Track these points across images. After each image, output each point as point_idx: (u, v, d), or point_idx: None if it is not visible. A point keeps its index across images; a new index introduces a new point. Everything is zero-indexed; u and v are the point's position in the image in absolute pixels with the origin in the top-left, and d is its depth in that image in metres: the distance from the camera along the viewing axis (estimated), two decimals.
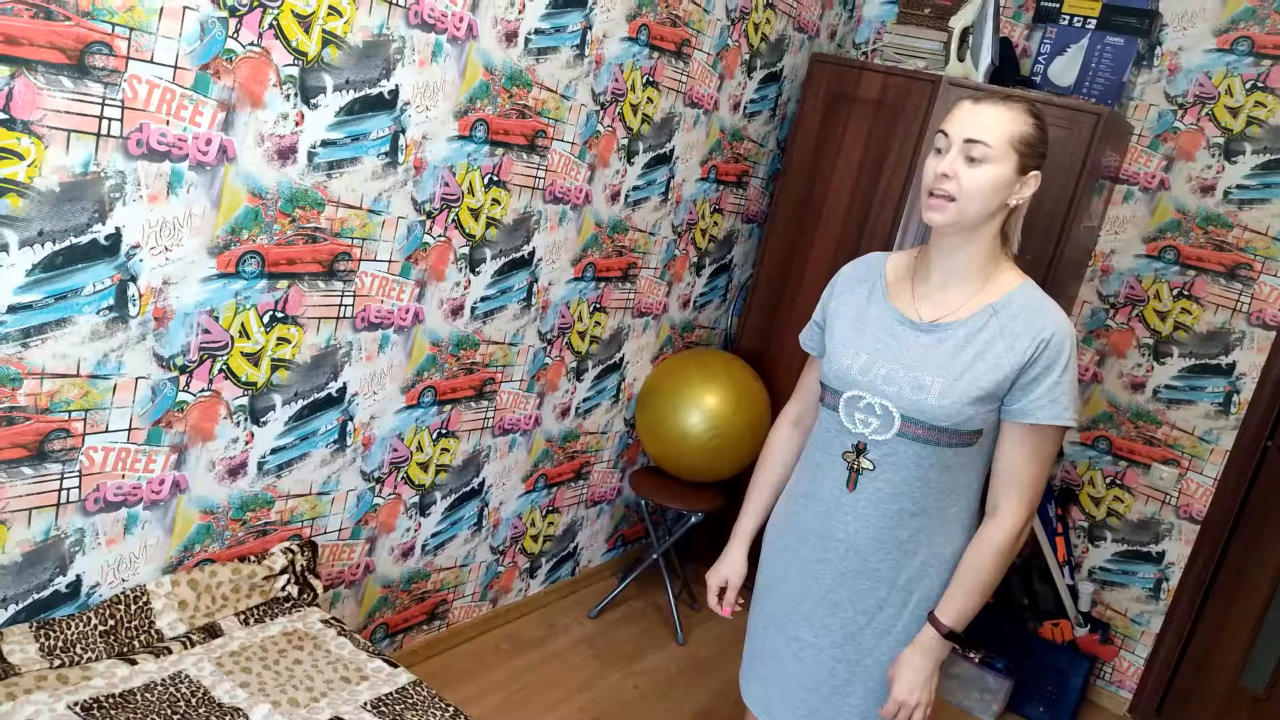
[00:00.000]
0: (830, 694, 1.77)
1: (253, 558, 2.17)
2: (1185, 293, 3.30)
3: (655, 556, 3.39)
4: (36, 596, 1.88)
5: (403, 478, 2.61)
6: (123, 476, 1.95)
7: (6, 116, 1.59)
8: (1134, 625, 3.45)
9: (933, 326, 1.66)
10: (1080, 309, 3.48)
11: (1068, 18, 3.29)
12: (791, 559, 1.80)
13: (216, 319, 2.01)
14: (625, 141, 2.92)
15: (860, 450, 1.67)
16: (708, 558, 3.70)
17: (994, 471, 1.67)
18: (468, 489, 2.85)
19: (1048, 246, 2.98)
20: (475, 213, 2.51)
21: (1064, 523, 3.45)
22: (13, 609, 1.85)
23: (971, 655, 3.27)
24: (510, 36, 2.41)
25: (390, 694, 1.94)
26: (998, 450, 1.66)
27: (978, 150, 1.57)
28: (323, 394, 2.31)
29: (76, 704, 1.70)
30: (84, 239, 1.74)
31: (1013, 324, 1.61)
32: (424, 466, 2.67)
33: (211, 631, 2.01)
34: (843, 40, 3.85)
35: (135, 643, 1.92)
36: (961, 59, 3.20)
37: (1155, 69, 3.30)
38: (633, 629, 3.31)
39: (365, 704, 1.89)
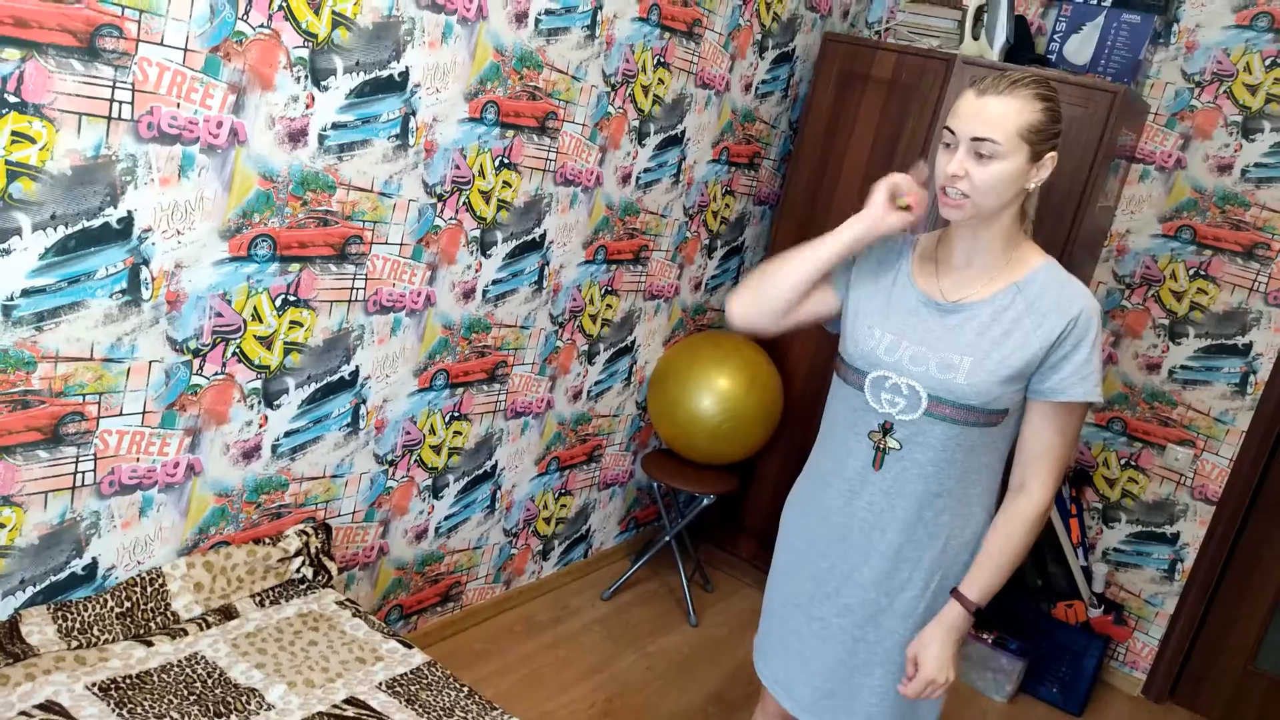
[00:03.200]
0: (850, 674, 1.77)
1: (267, 540, 2.19)
2: (1202, 272, 3.27)
3: (668, 539, 3.39)
4: (54, 578, 1.89)
5: (416, 460, 2.62)
6: (137, 460, 1.96)
7: (18, 100, 1.59)
8: (1148, 606, 3.44)
9: (956, 306, 1.65)
10: (1096, 289, 3.45)
11: None
12: (814, 538, 1.79)
13: (229, 302, 2.02)
14: (636, 123, 2.91)
15: (887, 430, 1.67)
16: (720, 539, 3.72)
17: (1021, 448, 1.67)
18: (480, 472, 2.86)
19: (1063, 227, 2.95)
20: (486, 195, 2.51)
21: (1078, 504, 3.44)
22: (30, 591, 1.86)
23: (985, 636, 3.27)
24: (520, 17, 2.40)
25: (405, 674, 1.95)
26: (1025, 428, 1.65)
27: (986, 148, 1.54)
28: (335, 377, 2.31)
29: (94, 684, 1.72)
30: (96, 222, 1.74)
31: (1039, 302, 1.61)
32: (437, 449, 2.67)
33: (227, 613, 2.02)
34: (855, 19, 3.82)
35: (152, 624, 1.93)
36: (976, 37, 3.17)
37: (1172, 46, 3.26)
38: (645, 611, 3.32)
39: (380, 684, 1.90)
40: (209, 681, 1.81)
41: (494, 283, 2.64)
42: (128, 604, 1.92)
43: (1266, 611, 3.29)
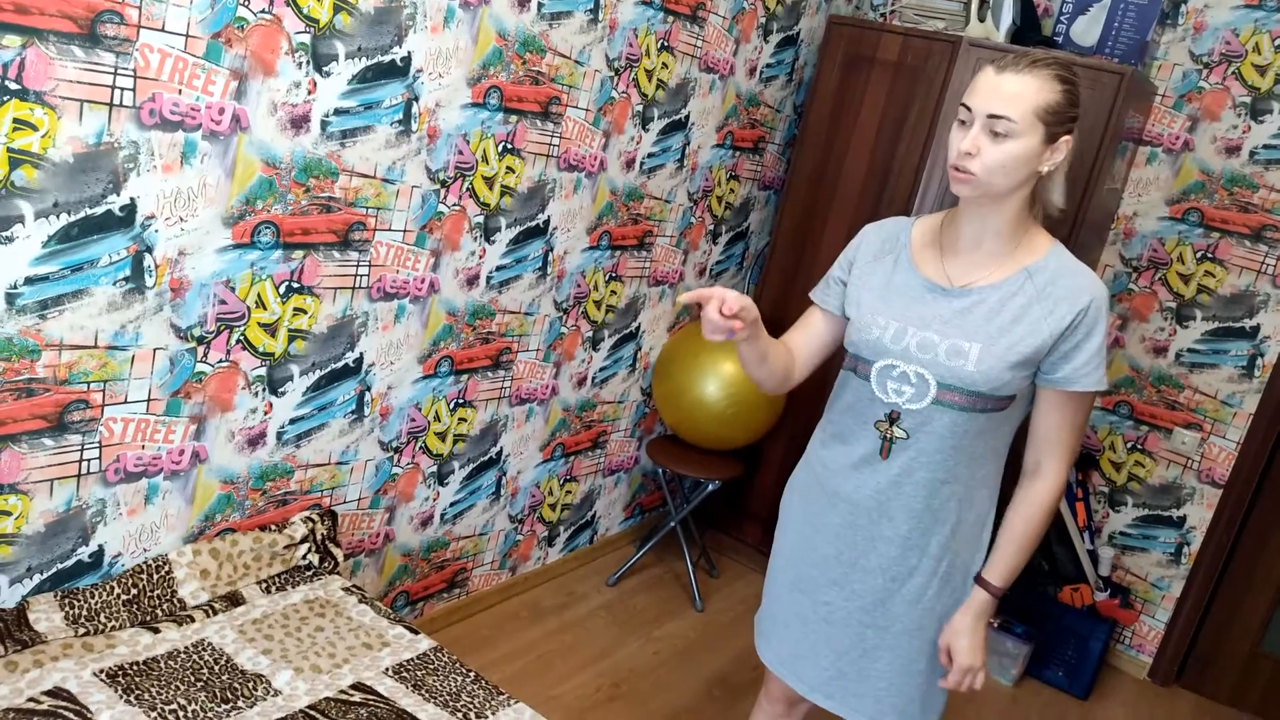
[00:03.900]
0: (859, 658, 1.77)
1: (273, 527, 2.19)
2: (1209, 255, 3.25)
3: (673, 524, 3.39)
4: (60, 566, 1.90)
5: (421, 447, 2.62)
6: (142, 447, 1.96)
7: (19, 87, 1.58)
8: (1154, 590, 3.44)
9: (964, 291, 1.64)
10: (1102, 273, 3.44)
11: None
12: (819, 525, 1.79)
13: (233, 289, 2.01)
14: (640, 108, 2.89)
15: (894, 419, 1.66)
16: (726, 525, 3.72)
17: (1033, 435, 1.67)
18: (485, 458, 2.86)
19: (1070, 210, 2.92)
20: (489, 181, 2.50)
21: (1084, 488, 3.43)
22: (38, 578, 1.87)
23: (991, 620, 3.27)
24: (523, 1, 2.38)
25: (411, 660, 1.95)
26: (1037, 415, 1.66)
27: (1001, 125, 1.52)
28: (340, 364, 2.31)
29: (102, 671, 1.72)
30: (99, 210, 1.74)
31: (1050, 288, 1.60)
32: (442, 436, 2.67)
33: (233, 600, 2.02)
34: (860, 2, 3.79)
35: (158, 611, 1.94)
36: (982, 19, 3.14)
37: (1180, 27, 3.23)
38: (651, 596, 3.33)
39: (387, 670, 1.91)
40: (216, 668, 1.81)
41: (498, 269, 2.63)
42: (134, 591, 1.93)
43: (1273, 594, 3.29)
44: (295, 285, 2.13)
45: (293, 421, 2.25)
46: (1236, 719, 3.35)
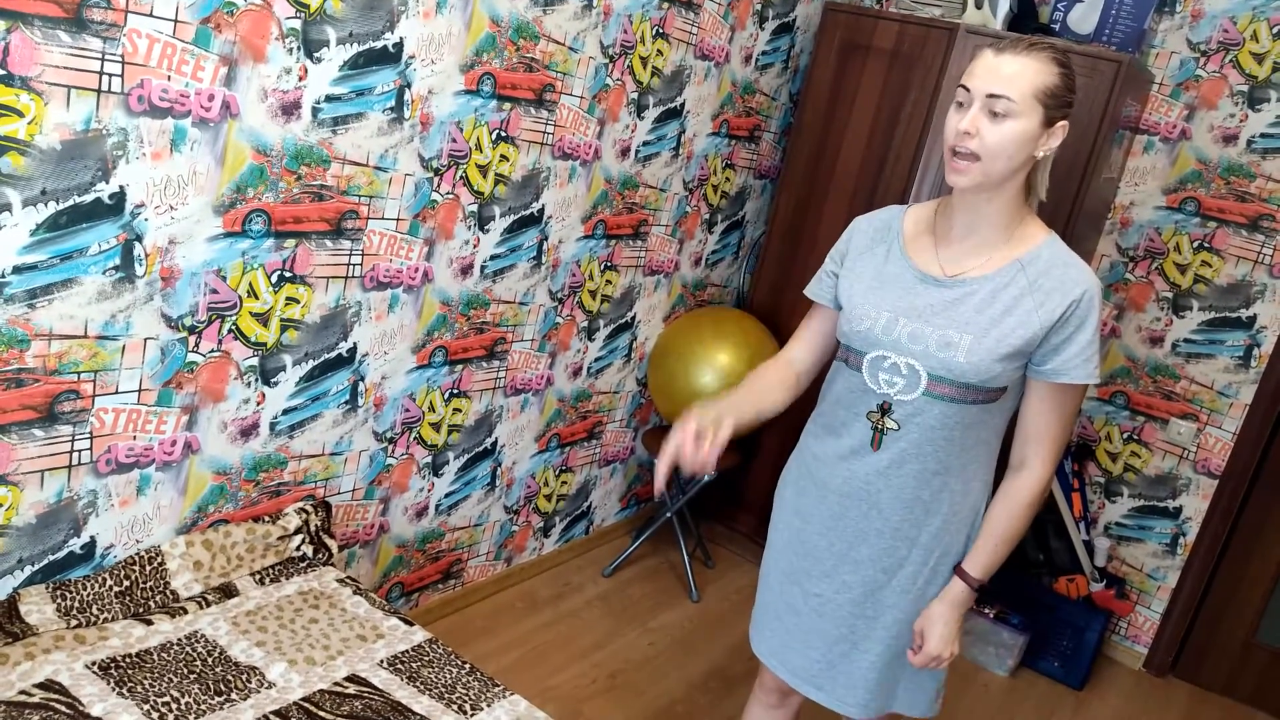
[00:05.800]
0: (849, 649, 1.77)
1: (267, 518, 2.17)
2: (1206, 245, 3.24)
3: (669, 515, 3.38)
4: (52, 558, 1.88)
5: (415, 438, 2.60)
6: (134, 438, 1.95)
7: (4, 72, 1.56)
8: (1150, 580, 3.44)
9: (956, 282, 1.62)
10: (1099, 262, 3.43)
11: None
12: (810, 517, 1.78)
13: (224, 279, 1.99)
14: (635, 95, 2.87)
15: (885, 410, 1.65)
16: (722, 516, 3.72)
17: (1020, 427, 1.66)
18: (480, 449, 2.85)
19: (1066, 199, 2.92)
20: (483, 169, 2.48)
21: (1080, 478, 3.43)
22: (29, 570, 1.85)
23: (987, 611, 3.27)
24: None
25: (406, 651, 1.94)
26: (1025, 407, 1.65)
27: (1001, 105, 1.51)
28: (333, 354, 2.29)
29: (94, 663, 1.71)
30: (88, 198, 1.72)
31: (1042, 280, 1.58)
32: (436, 427, 2.66)
33: (227, 591, 2.01)
34: None
35: (151, 603, 1.92)
36: (979, 6, 3.12)
37: (1177, 15, 3.21)
38: (647, 587, 3.32)
39: (382, 661, 1.90)
40: (209, 660, 1.80)
41: (492, 258, 2.61)
42: (126, 583, 1.91)
43: (1268, 585, 3.29)
44: (287, 274, 2.11)
45: (286, 412, 2.23)
46: (1231, 709, 3.35)
